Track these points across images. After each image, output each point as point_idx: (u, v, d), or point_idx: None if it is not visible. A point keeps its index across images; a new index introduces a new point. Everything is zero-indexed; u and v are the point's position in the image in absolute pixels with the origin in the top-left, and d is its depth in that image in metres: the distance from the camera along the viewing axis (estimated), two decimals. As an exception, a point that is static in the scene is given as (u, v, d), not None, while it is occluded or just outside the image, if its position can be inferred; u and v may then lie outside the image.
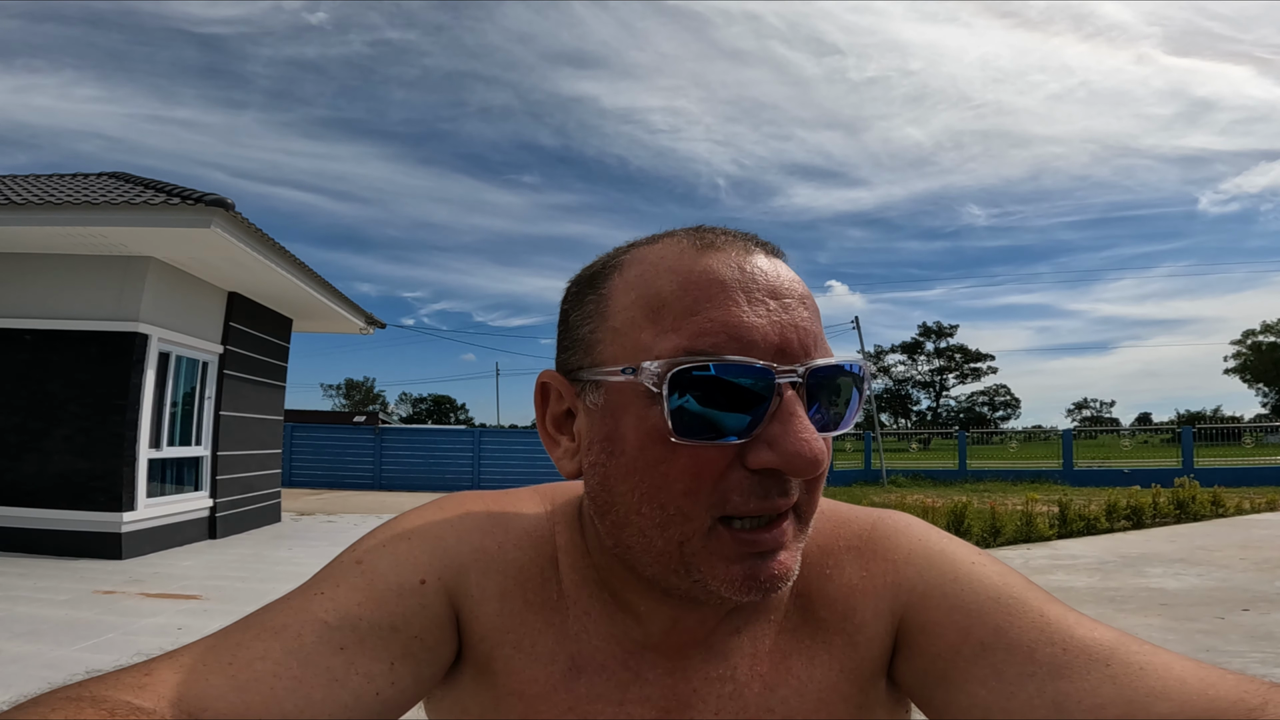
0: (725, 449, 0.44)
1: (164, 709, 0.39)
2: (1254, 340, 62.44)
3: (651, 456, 0.45)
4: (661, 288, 0.47)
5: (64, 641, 4.48)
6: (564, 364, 0.53)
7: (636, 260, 0.50)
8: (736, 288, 0.46)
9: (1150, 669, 0.42)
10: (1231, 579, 6.79)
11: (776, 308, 0.46)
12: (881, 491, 17.71)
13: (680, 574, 0.47)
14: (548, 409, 0.54)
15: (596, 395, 0.49)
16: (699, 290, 0.46)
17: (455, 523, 0.56)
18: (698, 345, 0.44)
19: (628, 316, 0.48)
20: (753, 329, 0.45)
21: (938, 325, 74.25)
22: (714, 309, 0.45)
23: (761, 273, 0.47)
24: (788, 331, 0.46)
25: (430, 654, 0.50)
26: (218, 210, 7.05)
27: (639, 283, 0.49)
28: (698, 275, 0.46)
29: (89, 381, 7.60)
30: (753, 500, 0.45)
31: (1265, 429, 24.53)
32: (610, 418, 0.48)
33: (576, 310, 0.52)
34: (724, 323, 0.44)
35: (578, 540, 0.57)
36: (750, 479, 0.45)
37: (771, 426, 0.44)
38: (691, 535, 0.45)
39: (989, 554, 0.55)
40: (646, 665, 0.54)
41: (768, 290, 0.46)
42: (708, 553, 0.45)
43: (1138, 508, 11.06)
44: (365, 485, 18.79)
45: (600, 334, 0.49)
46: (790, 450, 0.43)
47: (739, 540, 0.45)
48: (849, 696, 0.53)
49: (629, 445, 0.46)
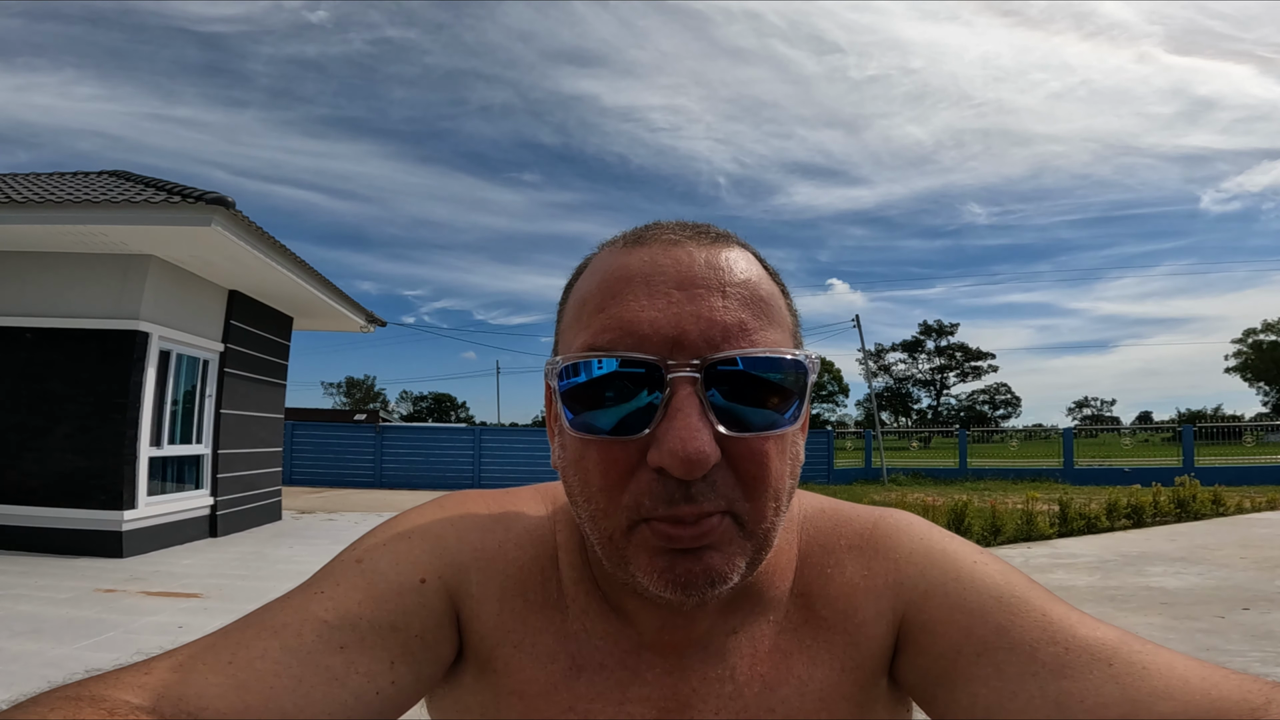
0: (629, 447, 0.44)
1: (163, 708, 0.39)
2: (1255, 339, 62.40)
3: (574, 451, 0.47)
4: (587, 287, 0.49)
5: (65, 640, 4.49)
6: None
7: (592, 260, 0.53)
8: (641, 282, 0.46)
9: (1153, 669, 0.42)
10: (1232, 578, 6.79)
11: (680, 298, 0.45)
12: (882, 490, 17.71)
13: (620, 568, 0.47)
14: (552, 407, 0.55)
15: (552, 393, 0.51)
16: (609, 288, 0.47)
17: (456, 522, 0.56)
18: (597, 342, 0.45)
19: (568, 317, 0.51)
20: (644, 322, 0.44)
21: (938, 324, 74.28)
22: (615, 305, 0.46)
23: (674, 263, 0.46)
24: (686, 322, 0.44)
25: (430, 653, 0.50)
26: (218, 208, 7.05)
27: (582, 283, 0.51)
28: (613, 272, 0.48)
29: (90, 380, 7.61)
30: (660, 505, 0.43)
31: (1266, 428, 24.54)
32: (557, 415, 0.50)
33: (559, 311, 0.55)
34: (619, 318, 0.45)
35: (577, 540, 0.57)
36: (655, 480, 0.43)
37: (661, 424, 0.43)
38: (614, 531, 0.46)
39: (991, 553, 0.55)
40: (645, 665, 0.54)
41: (675, 281, 0.45)
42: (633, 547, 0.45)
43: (1138, 506, 11.05)
44: (366, 483, 18.81)
45: (558, 333, 0.53)
46: (667, 448, 0.42)
47: (657, 533, 0.44)
48: (850, 696, 0.53)
49: (568, 440, 0.48)
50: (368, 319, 12.50)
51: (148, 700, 0.40)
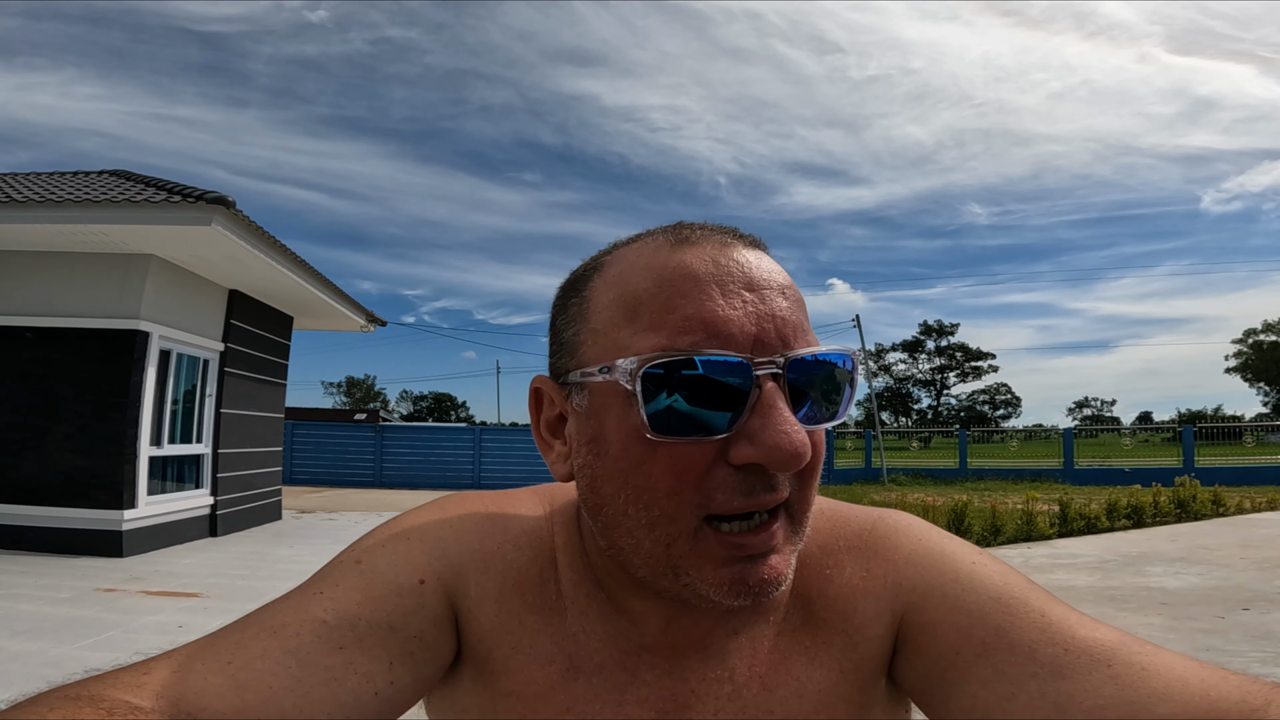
0: (706, 446, 0.44)
1: (162, 708, 0.39)
2: (1255, 339, 62.37)
3: (634, 456, 0.45)
4: (638, 286, 0.47)
5: (65, 639, 4.49)
6: (553, 368, 0.53)
7: (616, 260, 0.50)
8: (711, 281, 0.45)
9: (1152, 670, 0.42)
10: (1232, 578, 6.79)
11: (753, 299, 0.45)
12: (882, 490, 17.71)
13: (669, 577, 0.46)
14: (541, 414, 0.54)
15: (582, 397, 0.49)
16: (674, 286, 0.45)
17: (455, 523, 0.56)
18: (676, 343, 0.43)
19: (606, 316, 0.48)
20: (728, 321, 0.44)
21: (939, 324, 74.24)
22: (689, 304, 0.44)
23: (738, 265, 0.47)
24: (764, 322, 0.45)
25: (429, 654, 0.50)
26: (218, 208, 7.05)
27: (617, 282, 0.48)
28: (672, 271, 0.46)
29: (90, 379, 7.61)
30: (737, 498, 0.44)
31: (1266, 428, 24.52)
32: (595, 419, 0.47)
33: (562, 314, 0.53)
34: (699, 318, 0.44)
35: (576, 541, 0.57)
36: (734, 476, 0.44)
37: (752, 420, 0.43)
38: (677, 537, 0.45)
39: (990, 554, 0.55)
40: (644, 666, 0.53)
41: (744, 282, 0.46)
42: (695, 556, 0.45)
43: (1138, 507, 11.05)
44: (366, 483, 18.81)
45: (582, 335, 0.49)
46: (770, 443, 0.42)
47: (726, 544, 0.44)
48: (849, 697, 0.53)
49: (613, 446, 0.46)
50: (368, 318, 12.50)
51: (147, 700, 0.40)
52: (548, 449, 0.53)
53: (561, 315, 0.53)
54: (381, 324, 13.13)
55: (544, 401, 0.54)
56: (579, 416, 0.49)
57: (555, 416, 0.53)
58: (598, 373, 0.46)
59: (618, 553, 0.49)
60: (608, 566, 0.53)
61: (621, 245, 0.52)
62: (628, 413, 0.45)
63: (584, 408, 0.49)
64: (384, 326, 13.35)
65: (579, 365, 0.49)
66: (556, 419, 0.53)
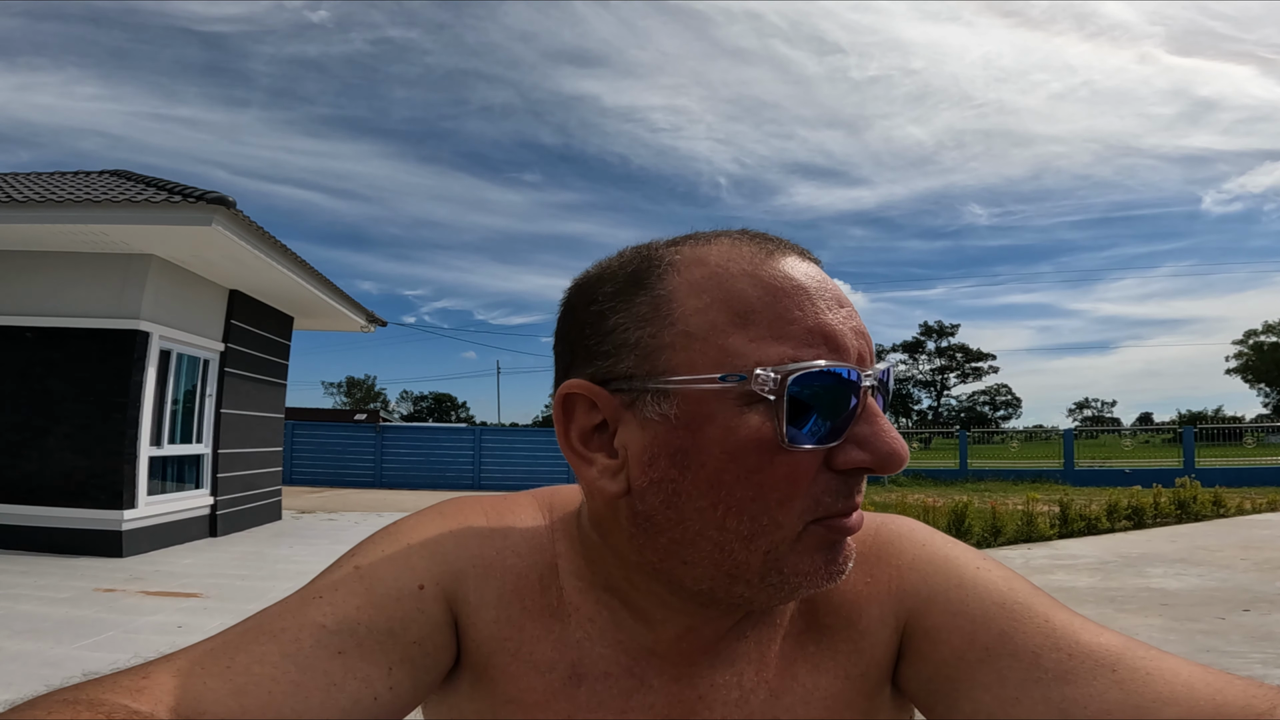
0: (818, 453, 0.44)
1: (161, 712, 0.39)
2: (1256, 340, 62.41)
3: (745, 466, 0.43)
4: (744, 291, 0.45)
5: (64, 639, 4.49)
6: (602, 372, 0.47)
7: (696, 261, 0.47)
8: (818, 295, 0.46)
9: (1157, 674, 0.41)
10: (1232, 579, 6.79)
11: (846, 315, 0.47)
12: (882, 491, 17.71)
13: (752, 582, 0.46)
14: (573, 423, 0.49)
15: (664, 405, 0.45)
16: (786, 297, 0.45)
17: (455, 529, 0.56)
18: (801, 354, 0.44)
19: (705, 320, 0.45)
20: (843, 335, 0.45)
21: (939, 324, 74.30)
22: (806, 316, 0.45)
23: (825, 280, 0.48)
24: (860, 337, 0.47)
25: (428, 660, 0.50)
26: (219, 208, 7.05)
27: (711, 285, 0.46)
28: (780, 281, 0.46)
29: (90, 379, 7.61)
30: (841, 500, 0.45)
31: (1267, 429, 24.52)
32: (684, 428, 0.44)
33: (620, 313, 0.47)
34: (820, 330, 0.45)
35: (579, 548, 0.56)
36: (836, 480, 0.45)
37: (859, 428, 0.45)
38: (781, 542, 0.45)
39: (993, 559, 0.54)
40: (653, 672, 0.53)
41: (836, 298, 0.47)
42: (794, 553, 0.45)
43: (1139, 508, 11.06)
44: (366, 483, 18.82)
45: (666, 338, 0.45)
46: (885, 450, 0.44)
47: (832, 529, 0.46)
48: (854, 703, 0.53)
49: (712, 457, 0.44)
50: (368, 319, 12.51)
51: (146, 704, 0.39)
52: (586, 463, 0.49)
53: (619, 314, 0.47)
54: (382, 324, 13.14)
55: (578, 409, 0.49)
56: (654, 425, 0.46)
57: (593, 426, 0.49)
58: (717, 380, 0.44)
59: (677, 566, 0.47)
60: (625, 573, 0.52)
61: (689, 245, 0.49)
62: (739, 422, 0.43)
63: (667, 416, 0.45)
64: (384, 327, 13.37)
65: (665, 370, 0.45)
66: (593, 429, 0.49)
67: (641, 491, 0.46)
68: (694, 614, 0.52)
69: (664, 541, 0.47)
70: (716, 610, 0.51)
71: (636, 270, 0.49)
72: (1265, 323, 62.38)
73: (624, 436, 0.47)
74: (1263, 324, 62.41)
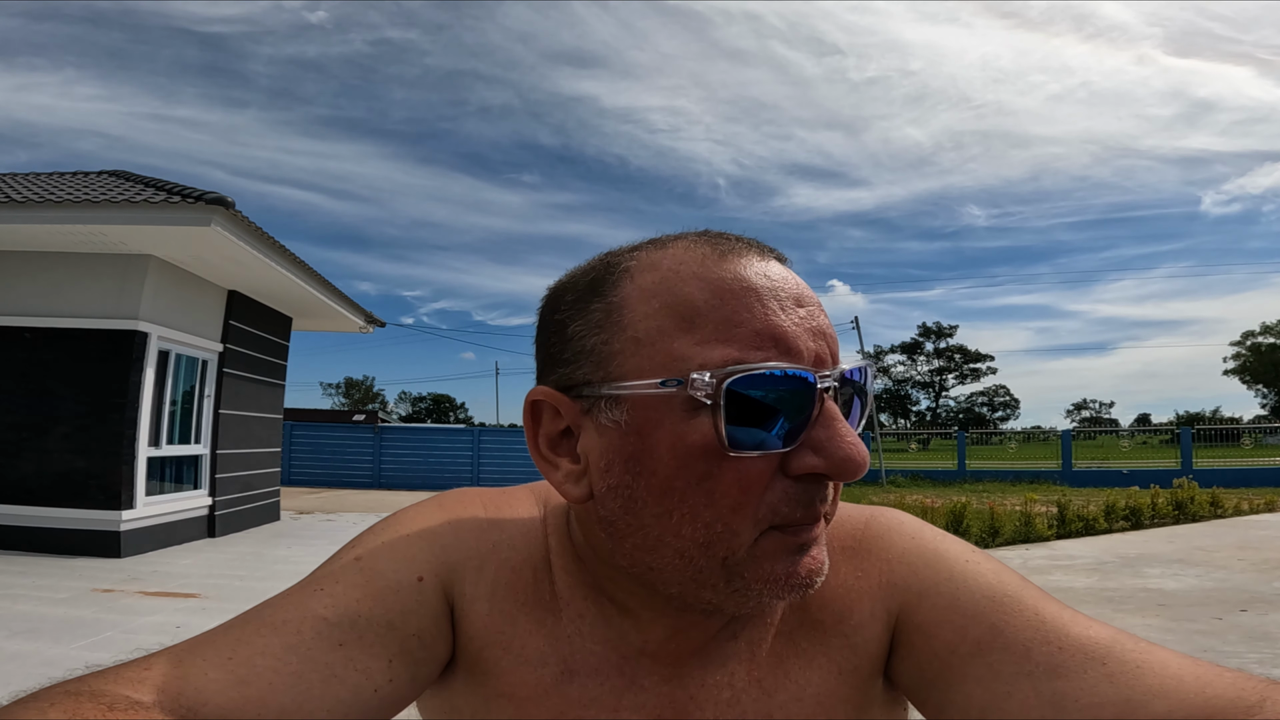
0: (771, 458, 0.43)
1: (163, 703, 0.40)
2: (1253, 341, 62.45)
3: (694, 473, 0.43)
4: (691, 295, 0.44)
5: (62, 639, 4.48)
6: (564, 379, 0.48)
7: (649, 265, 0.47)
8: (769, 295, 0.44)
9: (1147, 667, 0.42)
10: (1230, 579, 6.79)
11: (805, 314, 0.45)
12: (881, 491, 17.70)
13: (716, 588, 0.45)
14: (540, 429, 0.50)
15: (616, 411, 0.45)
16: (734, 299, 0.44)
17: (453, 520, 0.56)
18: (748, 356, 0.42)
19: (653, 325, 0.45)
20: (795, 336, 0.44)
21: (937, 325, 74.28)
22: (754, 318, 0.43)
23: (784, 279, 0.46)
24: (819, 337, 0.45)
25: (427, 652, 0.50)
26: (218, 209, 7.04)
27: (661, 290, 0.45)
28: (729, 282, 0.44)
29: (88, 379, 7.60)
30: (799, 509, 0.44)
31: (1264, 430, 24.52)
32: (635, 434, 0.44)
33: (578, 320, 0.48)
34: (768, 332, 0.43)
35: (569, 545, 0.56)
36: (794, 487, 0.44)
37: (815, 432, 0.43)
38: (738, 549, 0.44)
39: (984, 552, 0.55)
40: (643, 672, 0.53)
41: (794, 297, 0.46)
42: (752, 560, 0.44)
43: (1136, 508, 11.05)
44: (364, 484, 18.77)
45: (617, 344, 0.45)
46: (840, 455, 0.43)
47: (789, 536, 0.45)
48: (847, 698, 0.53)
49: (663, 463, 0.44)
50: (367, 319, 12.49)
51: (148, 695, 0.40)
52: (552, 468, 0.49)
53: (577, 321, 0.48)
54: (380, 325, 13.12)
55: (544, 415, 0.49)
56: (608, 432, 0.46)
57: (559, 432, 0.49)
58: (658, 385, 0.43)
59: (646, 571, 0.47)
60: (611, 574, 0.52)
61: (646, 250, 0.49)
62: (686, 427, 0.43)
63: (620, 423, 0.45)
64: (383, 327, 13.34)
65: (614, 377, 0.45)
66: (560, 434, 0.49)
67: (602, 497, 0.47)
68: (679, 615, 0.51)
69: (629, 547, 0.47)
70: (695, 612, 0.51)
71: (595, 278, 0.49)
72: (1263, 324, 62.50)
73: (585, 443, 0.48)
74: (1260, 325, 62.55)
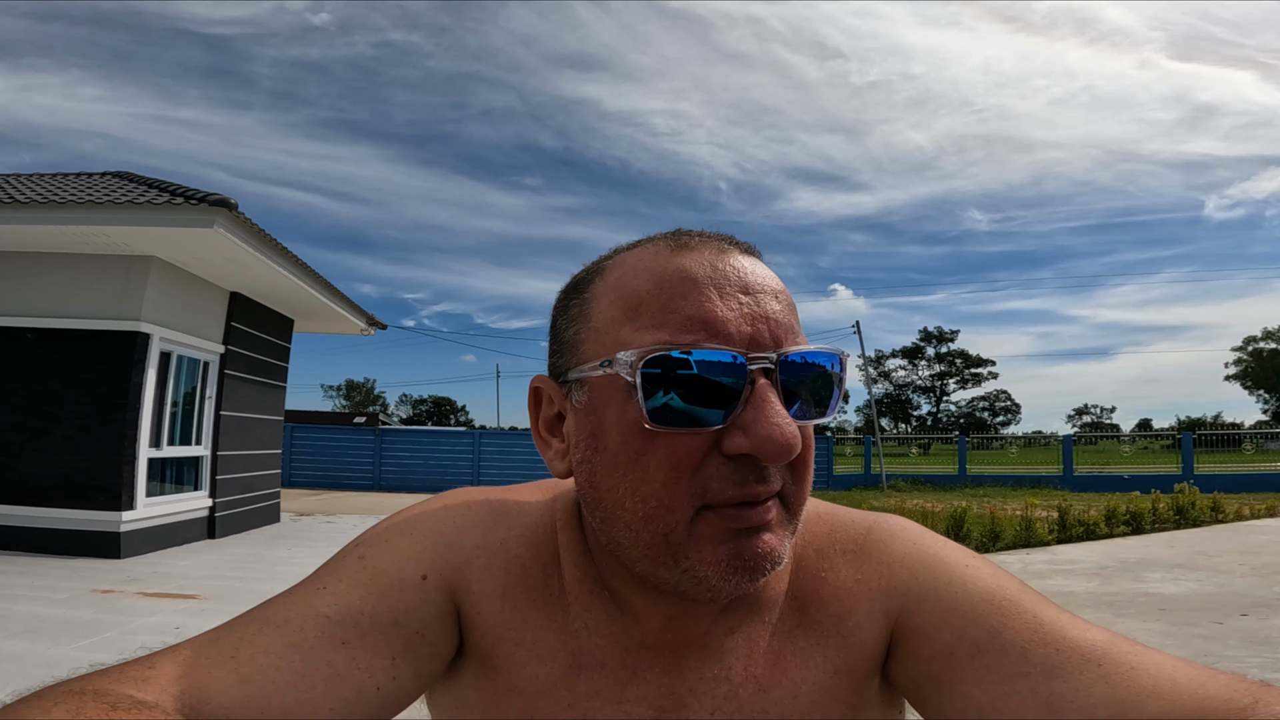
0: (702, 437, 0.45)
1: (166, 702, 0.40)
2: (1255, 347, 62.37)
3: (632, 449, 0.46)
4: (639, 287, 0.49)
5: (62, 640, 4.48)
6: (553, 368, 0.54)
7: (617, 264, 0.52)
8: (709, 284, 0.47)
9: (1142, 669, 0.42)
10: (1230, 584, 6.78)
11: (749, 301, 0.48)
12: (881, 496, 17.69)
13: (669, 565, 0.47)
14: (540, 413, 0.55)
15: (581, 393, 0.50)
16: (674, 288, 0.47)
17: (458, 518, 0.56)
18: (676, 339, 0.45)
19: (607, 315, 0.50)
20: (726, 321, 0.46)
21: (939, 330, 74.23)
22: (688, 305, 0.46)
23: (734, 269, 0.49)
24: (759, 323, 0.47)
25: (431, 649, 0.51)
26: (220, 210, 7.06)
27: (618, 284, 0.50)
28: (672, 274, 0.48)
29: (90, 380, 7.61)
30: (731, 487, 0.45)
31: (1266, 436, 24.48)
32: (593, 414, 0.49)
33: (563, 315, 0.54)
34: (698, 317, 0.46)
35: (578, 538, 0.57)
36: (728, 466, 0.45)
37: (745, 413, 0.45)
38: (675, 526, 0.46)
39: (983, 557, 0.55)
40: (645, 664, 0.54)
41: (739, 286, 0.48)
42: (693, 539, 0.46)
43: (1137, 513, 11.04)
44: (365, 486, 18.79)
45: (583, 334, 0.51)
46: (763, 435, 0.44)
47: (724, 518, 0.46)
48: (843, 698, 0.53)
49: (611, 439, 0.47)
50: (368, 322, 12.50)
51: (151, 694, 0.40)
52: (546, 446, 0.54)
53: (562, 316, 0.54)
54: (382, 327, 13.13)
55: (543, 400, 0.55)
56: (578, 413, 0.51)
57: (554, 415, 0.54)
58: (598, 367, 0.48)
59: (616, 547, 0.50)
60: (609, 563, 0.54)
61: (623, 250, 0.54)
62: (627, 406, 0.46)
63: (583, 404, 0.50)
64: (384, 330, 13.36)
65: (579, 362, 0.50)
66: (555, 417, 0.54)
67: (576, 472, 0.51)
68: (670, 604, 0.53)
69: (598, 521, 0.50)
70: (680, 600, 0.52)
71: (580, 278, 0.55)
72: (1265, 329, 62.42)
73: (568, 424, 0.53)
74: (1262, 330, 62.46)
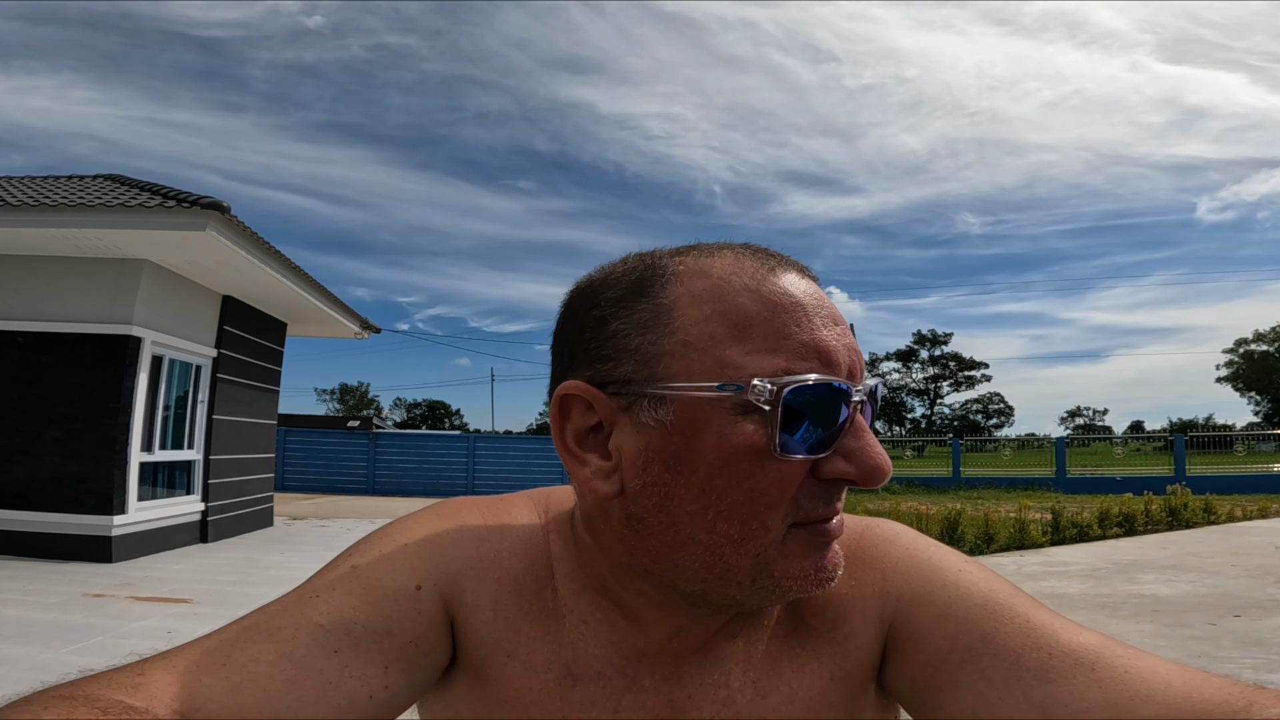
0: (807, 462, 0.46)
1: (157, 709, 0.40)
2: (1246, 349, 62.77)
3: (737, 473, 0.45)
4: (744, 305, 0.47)
5: (53, 644, 4.45)
6: (601, 375, 0.49)
7: (699, 272, 0.49)
8: (814, 312, 0.48)
9: (1135, 672, 0.42)
10: (1223, 585, 6.82)
11: (840, 332, 0.49)
12: (875, 499, 17.71)
13: (743, 585, 0.47)
14: (568, 423, 0.50)
15: (660, 410, 0.46)
16: (786, 312, 0.47)
17: (452, 529, 0.56)
18: (795, 366, 0.45)
19: (705, 330, 0.46)
20: (835, 351, 0.47)
21: (932, 333, 74.61)
22: (802, 332, 0.47)
23: (822, 298, 0.50)
24: (852, 354, 0.49)
25: (424, 659, 0.51)
26: (213, 213, 7.03)
27: (713, 297, 0.47)
28: (780, 296, 0.48)
29: (81, 384, 7.56)
30: (822, 506, 0.47)
31: (1257, 437, 24.62)
32: (680, 435, 0.46)
33: (621, 318, 0.49)
34: (812, 345, 0.47)
35: (573, 549, 0.57)
36: (818, 487, 0.47)
37: (846, 441, 0.47)
38: (769, 545, 0.46)
39: (976, 561, 0.56)
40: (644, 672, 0.54)
41: (831, 315, 0.49)
42: (781, 557, 0.47)
43: (1130, 515, 11.09)
44: (359, 490, 18.71)
45: (666, 346, 0.47)
46: (869, 464, 0.46)
47: (812, 534, 0.47)
48: (838, 703, 0.54)
49: (705, 462, 0.45)
50: (362, 325, 12.47)
51: (142, 701, 0.40)
52: (578, 464, 0.50)
53: (620, 319, 0.49)
54: (375, 331, 13.10)
55: (574, 410, 0.50)
56: (649, 430, 0.47)
57: (589, 427, 0.50)
58: (714, 389, 0.45)
59: (670, 569, 0.48)
60: (617, 574, 0.53)
61: (692, 256, 0.50)
62: (734, 429, 0.45)
63: (666, 422, 0.46)
64: (378, 333, 13.33)
65: (663, 377, 0.46)
66: (589, 430, 0.50)
67: (635, 494, 0.48)
68: (684, 614, 0.52)
69: (655, 544, 0.48)
70: (707, 611, 0.52)
71: (640, 278, 0.50)
72: (1256, 331, 62.92)
73: (619, 439, 0.48)
74: (1253, 332, 62.86)
